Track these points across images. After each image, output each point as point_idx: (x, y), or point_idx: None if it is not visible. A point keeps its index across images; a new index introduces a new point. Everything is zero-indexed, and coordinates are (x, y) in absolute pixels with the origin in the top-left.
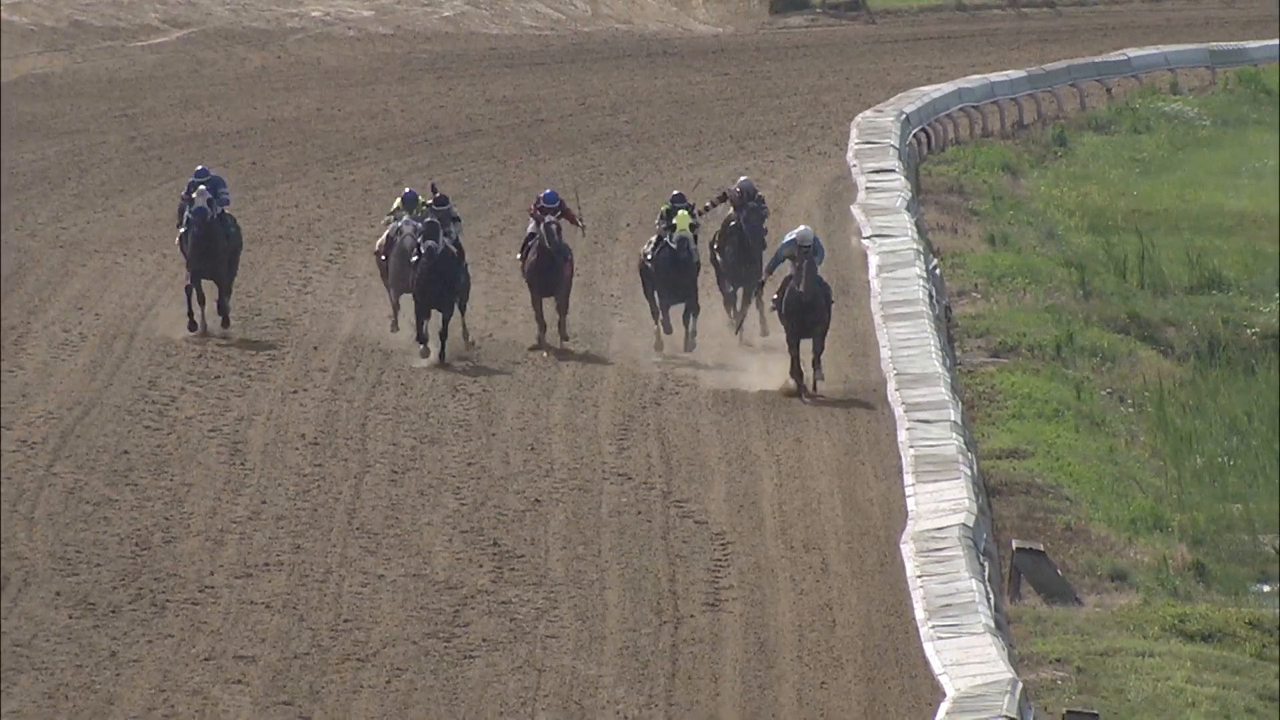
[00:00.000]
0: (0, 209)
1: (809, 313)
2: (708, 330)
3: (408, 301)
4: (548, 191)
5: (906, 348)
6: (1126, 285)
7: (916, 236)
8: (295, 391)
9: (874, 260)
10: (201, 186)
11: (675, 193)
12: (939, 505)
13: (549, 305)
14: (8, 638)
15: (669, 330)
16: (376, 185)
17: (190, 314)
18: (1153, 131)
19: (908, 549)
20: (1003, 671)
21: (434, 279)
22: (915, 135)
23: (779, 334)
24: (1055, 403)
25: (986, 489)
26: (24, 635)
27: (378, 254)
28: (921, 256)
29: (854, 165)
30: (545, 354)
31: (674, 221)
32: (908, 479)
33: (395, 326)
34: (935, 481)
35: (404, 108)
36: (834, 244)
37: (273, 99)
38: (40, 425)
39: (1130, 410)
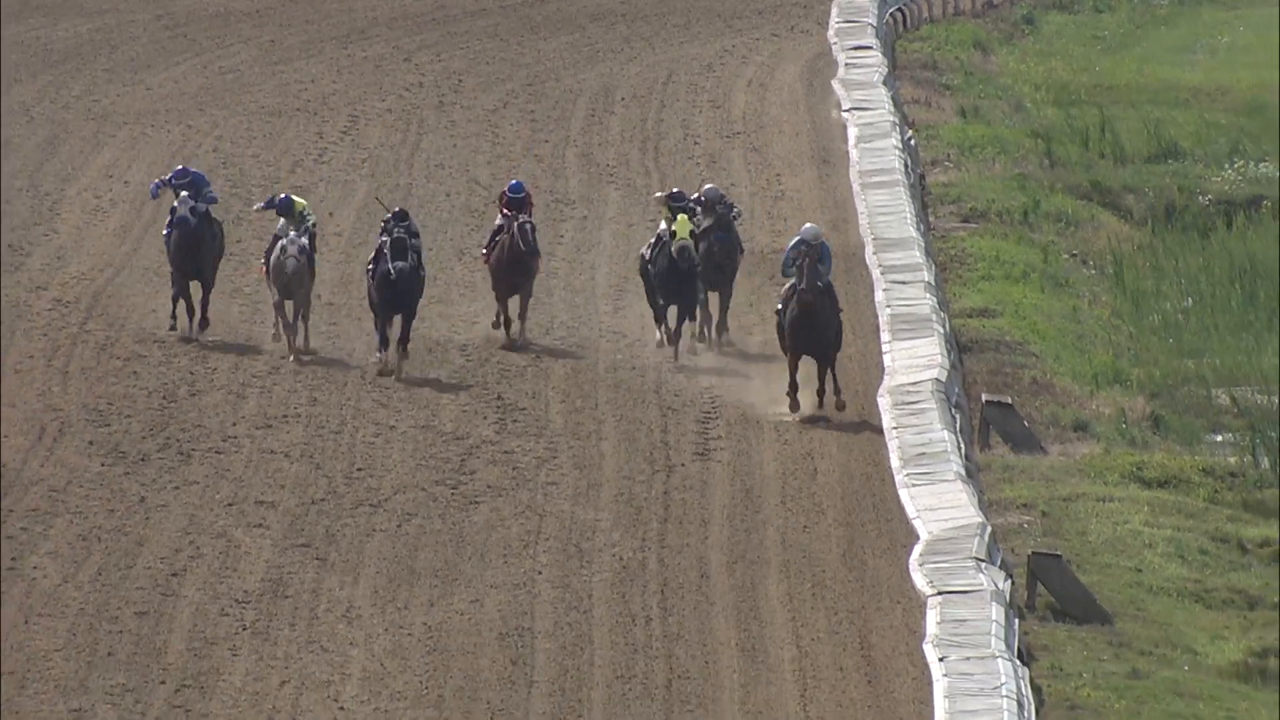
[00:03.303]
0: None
1: (811, 321)
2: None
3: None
4: (514, 182)
5: (884, 214)
6: (1089, 155)
7: (893, 109)
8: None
9: (853, 132)
10: (184, 194)
11: (675, 190)
12: (913, 361)
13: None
14: (45, 484)
15: (673, 340)
16: (387, 62)
17: (175, 313)
18: (1114, 10)
19: (884, 402)
20: (973, 516)
21: (396, 296)
22: (892, 14)
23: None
24: (1022, 265)
25: (958, 346)
26: (59, 481)
27: (264, 257)
28: (897, 128)
29: (834, 43)
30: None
31: (674, 228)
32: (884, 336)
33: (279, 335)
34: (910, 339)
35: None
36: (816, 117)
37: None
38: (74, 285)
39: (1092, 272)
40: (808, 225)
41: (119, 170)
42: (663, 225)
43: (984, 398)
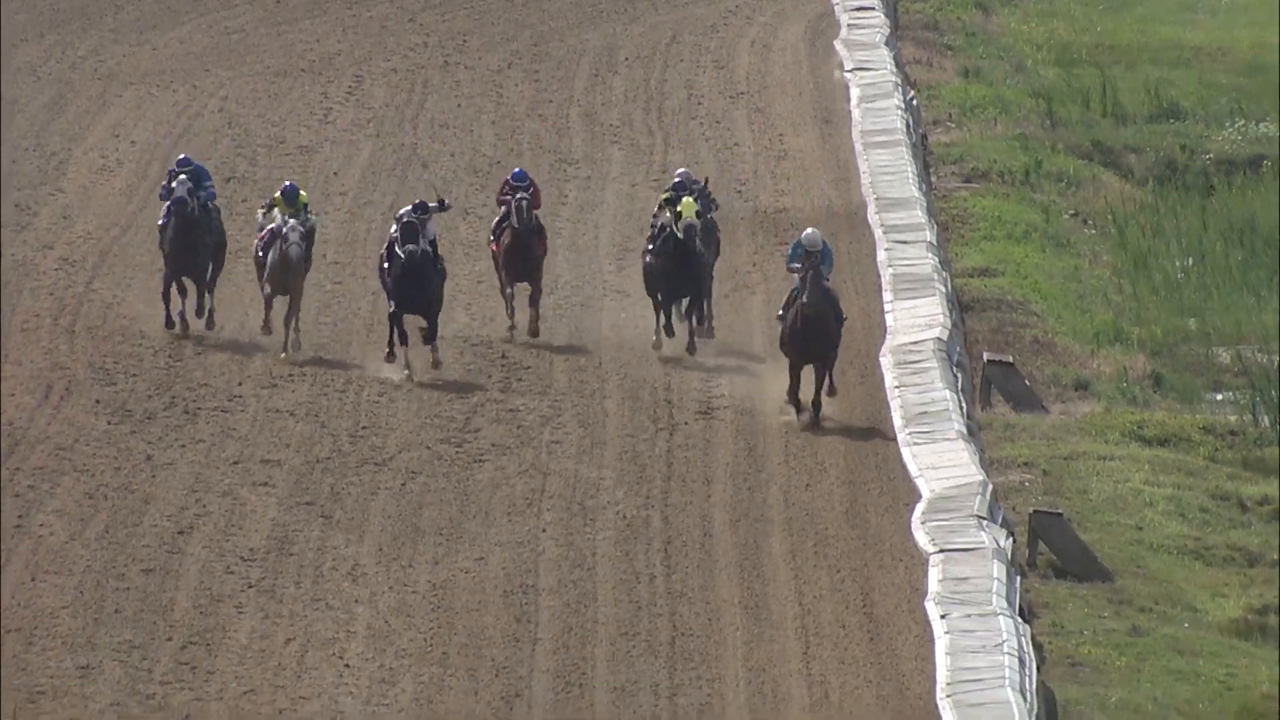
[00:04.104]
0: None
1: (814, 332)
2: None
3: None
4: (517, 170)
5: (886, 174)
6: (1090, 115)
7: (895, 70)
8: (316, 215)
9: (855, 92)
10: (182, 175)
11: (680, 171)
12: (915, 320)
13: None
14: (52, 442)
15: (671, 334)
16: (392, 22)
17: (168, 312)
18: None
19: (886, 361)
20: (974, 474)
21: (410, 281)
22: None
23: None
24: (1024, 225)
25: (960, 305)
26: (66, 440)
27: (256, 250)
28: (899, 88)
29: (836, 3)
30: (513, 344)
31: (679, 209)
32: (886, 296)
33: (268, 329)
34: (912, 298)
35: None
36: (819, 77)
37: None
38: (81, 244)
39: (1093, 231)
40: (809, 230)
41: (125, 130)
42: (666, 215)
43: (985, 357)
